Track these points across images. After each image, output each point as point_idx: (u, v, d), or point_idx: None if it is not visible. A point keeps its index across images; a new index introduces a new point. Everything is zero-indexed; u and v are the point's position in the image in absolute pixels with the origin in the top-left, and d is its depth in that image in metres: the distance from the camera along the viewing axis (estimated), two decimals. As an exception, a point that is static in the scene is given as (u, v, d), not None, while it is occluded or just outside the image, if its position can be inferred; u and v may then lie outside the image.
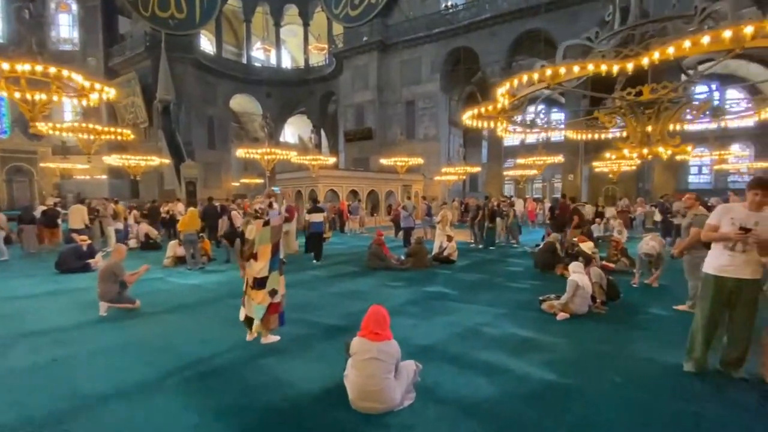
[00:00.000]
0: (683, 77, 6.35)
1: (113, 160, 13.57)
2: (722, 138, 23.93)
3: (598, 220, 13.11)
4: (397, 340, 2.92)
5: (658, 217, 13.26)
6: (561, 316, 4.81)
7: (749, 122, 25.02)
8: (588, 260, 5.69)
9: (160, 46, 23.90)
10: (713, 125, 10.78)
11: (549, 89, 6.57)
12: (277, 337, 4.02)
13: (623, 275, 6.97)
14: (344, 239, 13.81)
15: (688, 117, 7.26)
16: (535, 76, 4.81)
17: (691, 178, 32.95)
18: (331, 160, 17.08)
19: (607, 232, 12.97)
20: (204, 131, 27.93)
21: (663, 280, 6.53)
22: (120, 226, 11.92)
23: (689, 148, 6.80)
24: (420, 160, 16.06)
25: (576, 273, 5.07)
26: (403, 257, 8.58)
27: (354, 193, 18.63)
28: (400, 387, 2.65)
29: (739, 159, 24.53)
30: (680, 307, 5.24)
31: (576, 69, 4.54)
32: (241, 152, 12.72)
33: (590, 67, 4.46)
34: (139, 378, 3.24)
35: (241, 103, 32.41)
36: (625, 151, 6.42)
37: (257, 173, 28.36)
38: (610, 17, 6.41)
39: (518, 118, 8.01)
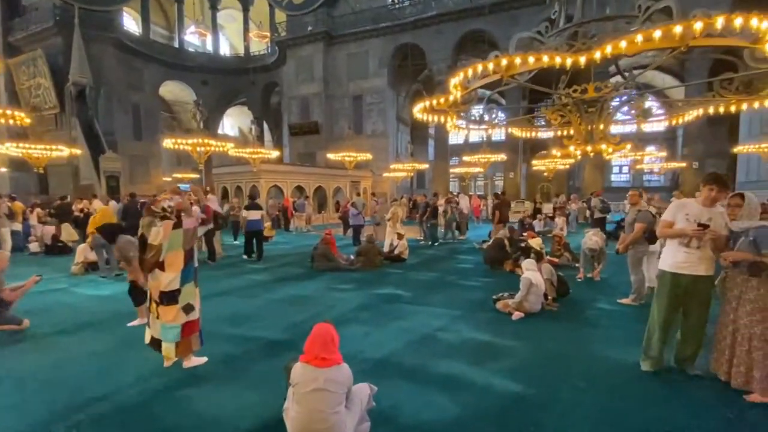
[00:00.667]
0: (611, 80, 6.61)
1: (6, 149, 11.47)
2: (640, 141, 26.38)
3: (540, 216, 13.63)
4: (348, 354, 2.50)
5: (587, 213, 14.20)
6: (516, 315, 4.67)
7: (660, 127, 27.89)
8: (539, 256, 5.66)
9: (72, 21, 20.99)
10: (632, 128, 11.68)
11: (502, 83, 6.47)
12: (204, 359, 3.39)
13: (566, 269, 7.12)
14: (289, 238, 13.02)
15: (623, 117, 7.59)
16: (490, 65, 4.61)
17: (614, 177, 36.19)
18: (274, 153, 16.10)
19: (547, 227, 13.57)
20: (129, 120, 25.18)
21: (603, 273, 6.76)
22: (18, 227, 10.13)
23: (628, 146, 7.11)
24: (368, 156, 15.69)
25: (529, 270, 4.98)
26: (352, 257, 8.13)
27: (300, 189, 17.79)
28: (351, 419, 2.21)
29: (655, 159, 27.15)
30: (624, 301, 5.37)
31: (531, 60, 4.40)
32: (168, 143, 11.29)
33: (545, 58, 4.34)
34: (10, 427, 2.48)
35: (173, 90, 29.75)
36: (571, 148, 6.51)
37: (192, 167, 26.18)
38: (556, 15, 6.43)
39: (465, 113, 7.90)
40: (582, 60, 4.31)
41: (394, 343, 3.84)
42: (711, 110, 6.95)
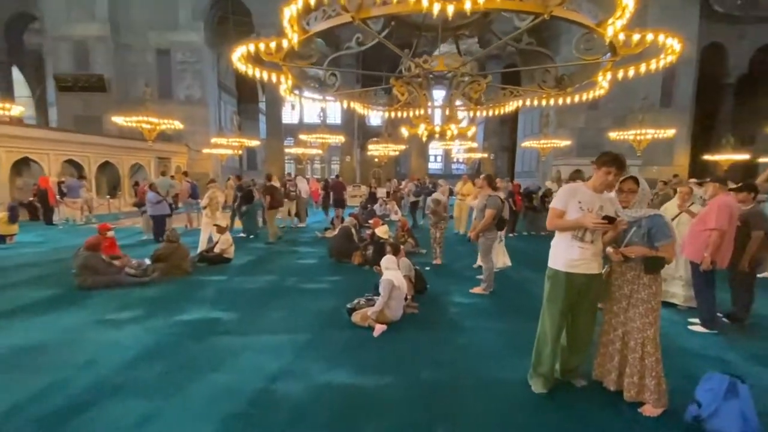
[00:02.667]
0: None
1: None
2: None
3: (382, 200, 13.50)
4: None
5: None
6: (378, 329, 3.68)
7: (462, 122, 32.63)
8: (396, 250, 4.85)
9: None
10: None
11: (342, 46, 5.33)
12: None
13: (412, 256, 6.68)
14: (50, 236, 8.97)
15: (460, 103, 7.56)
16: (342, -5, 3.34)
17: (431, 165, 40.97)
18: (17, 109, 10.90)
19: (384, 212, 13.58)
20: None
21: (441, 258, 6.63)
22: None
23: (473, 129, 7.09)
24: (178, 126, 12.24)
25: (389, 270, 4.07)
26: (147, 261, 5.74)
27: (75, 165, 12.90)
28: None
29: (459, 149, 31.45)
30: (476, 290, 5.12)
31: (396, -4, 3.34)
32: None
33: (411, -2, 3.35)
34: None
35: None
36: (422, 127, 5.94)
37: None
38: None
39: (304, 74, 6.49)
40: (450, 9, 3.49)
41: (201, 426, 2.24)
42: (528, 102, 7.52)
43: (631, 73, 5.57)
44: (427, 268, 6.24)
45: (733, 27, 19.98)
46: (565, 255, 2.59)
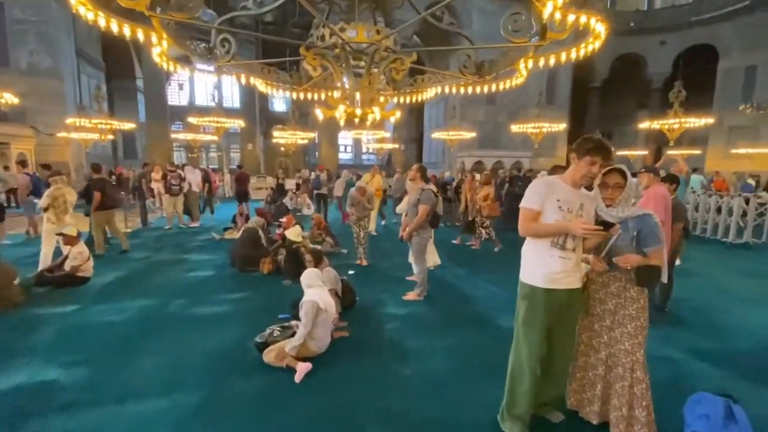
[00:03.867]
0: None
1: None
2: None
3: (292, 192, 12.24)
4: None
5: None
6: (300, 371, 2.79)
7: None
8: (319, 259, 3.96)
9: None
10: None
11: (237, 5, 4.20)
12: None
13: (330, 257, 5.87)
14: None
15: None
16: None
17: (341, 155, 40.02)
18: None
19: (296, 206, 12.40)
20: None
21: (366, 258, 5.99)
22: None
23: (397, 113, 6.42)
24: (12, 99, 9.15)
25: (312, 288, 3.19)
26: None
27: None
28: None
29: (370, 139, 31.13)
30: (410, 297, 4.56)
31: None
32: None
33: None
34: None
35: None
36: (341, 109, 5.09)
37: None
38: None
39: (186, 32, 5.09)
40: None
41: None
42: (447, 89, 7.17)
43: (552, 61, 5.44)
44: (351, 272, 5.50)
45: (599, 37, 23.00)
46: (544, 267, 2.06)
